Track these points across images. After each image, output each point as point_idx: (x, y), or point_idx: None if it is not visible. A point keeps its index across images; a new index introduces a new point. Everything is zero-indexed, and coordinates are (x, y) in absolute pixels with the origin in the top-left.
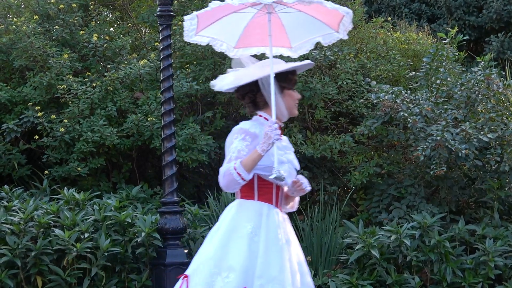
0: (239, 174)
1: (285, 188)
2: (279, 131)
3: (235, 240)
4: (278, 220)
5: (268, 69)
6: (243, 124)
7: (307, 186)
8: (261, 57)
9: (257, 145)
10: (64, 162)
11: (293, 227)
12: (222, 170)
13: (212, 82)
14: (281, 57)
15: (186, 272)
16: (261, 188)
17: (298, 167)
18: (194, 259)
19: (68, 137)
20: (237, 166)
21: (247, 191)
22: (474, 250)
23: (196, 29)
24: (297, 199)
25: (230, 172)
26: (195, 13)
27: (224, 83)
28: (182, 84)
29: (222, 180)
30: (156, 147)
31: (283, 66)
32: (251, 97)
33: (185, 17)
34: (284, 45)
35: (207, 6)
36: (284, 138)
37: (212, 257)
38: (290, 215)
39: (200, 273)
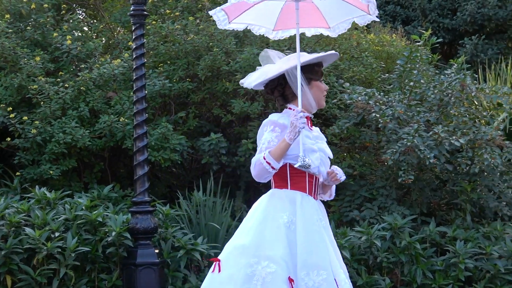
0: (269, 163)
1: (321, 178)
2: (304, 120)
3: (271, 230)
4: (312, 207)
5: (294, 62)
6: (272, 116)
7: (341, 176)
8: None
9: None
10: (35, 163)
11: None
12: (253, 160)
13: (241, 80)
14: (308, 48)
15: (219, 257)
16: (293, 177)
17: (331, 155)
18: (226, 245)
19: (40, 138)
20: (266, 156)
21: (280, 180)
22: (445, 252)
23: (228, 18)
24: (333, 187)
25: (260, 162)
26: (219, 7)
27: (251, 79)
28: (154, 83)
29: (253, 170)
30: (128, 147)
31: (308, 57)
32: (280, 91)
33: (210, 12)
34: (322, 25)
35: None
36: (316, 129)
37: (249, 247)
38: None
39: (236, 261)
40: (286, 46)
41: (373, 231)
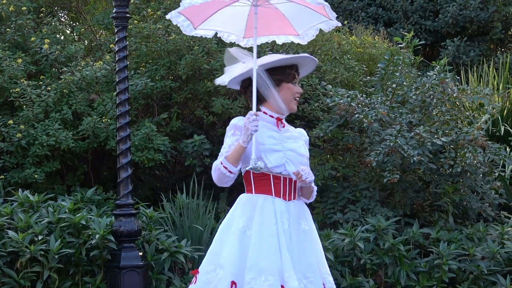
0: (226, 168)
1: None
2: (257, 123)
3: (228, 236)
4: (275, 209)
5: (262, 62)
6: (234, 120)
7: (307, 177)
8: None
9: (261, 140)
10: (19, 167)
11: None
12: (213, 166)
13: (216, 79)
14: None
15: (199, 268)
16: (257, 181)
17: (306, 154)
18: None
19: (25, 142)
20: (222, 160)
21: (247, 185)
22: (428, 253)
23: (193, 24)
24: (314, 189)
25: (218, 167)
26: (175, 11)
27: (223, 78)
28: (136, 83)
29: (213, 175)
30: (112, 148)
31: (275, 58)
32: (251, 91)
33: (167, 17)
34: (291, 33)
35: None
36: (292, 128)
37: (209, 254)
38: None
39: (201, 269)
40: (268, 47)
41: (356, 233)
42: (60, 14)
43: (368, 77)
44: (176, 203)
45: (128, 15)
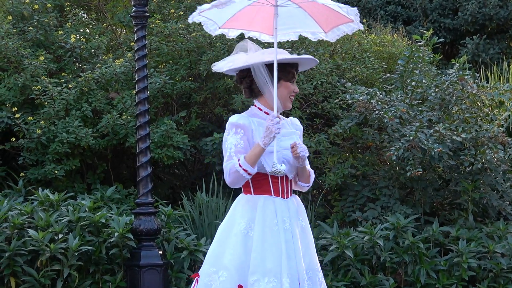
0: (245, 170)
1: (290, 176)
2: (280, 125)
3: (230, 238)
4: (276, 209)
5: (263, 57)
6: (232, 118)
7: (302, 151)
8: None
9: (259, 138)
10: (39, 164)
11: None
12: (226, 167)
13: (212, 65)
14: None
15: (200, 271)
16: (255, 181)
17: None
18: None
19: (45, 138)
20: (241, 162)
21: (246, 185)
22: (448, 251)
23: (216, 23)
24: (310, 172)
25: (236, 169)
26: (196, 13)
27: (221, 64)
28: (155, 81)
29: (228, 177)
30: (131, 145)
31: (281, 56)
32: (248, 83)
33: (189, 20)
34: (318, 30)
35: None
36: (286, 121)
37: (210, 256)
38: None
39: (202, 272)
40: (288, 46)
41: (376, 231)
42: (81, 14)
43: (388, 75)
44: (195, 202)
45: (147, 14)
